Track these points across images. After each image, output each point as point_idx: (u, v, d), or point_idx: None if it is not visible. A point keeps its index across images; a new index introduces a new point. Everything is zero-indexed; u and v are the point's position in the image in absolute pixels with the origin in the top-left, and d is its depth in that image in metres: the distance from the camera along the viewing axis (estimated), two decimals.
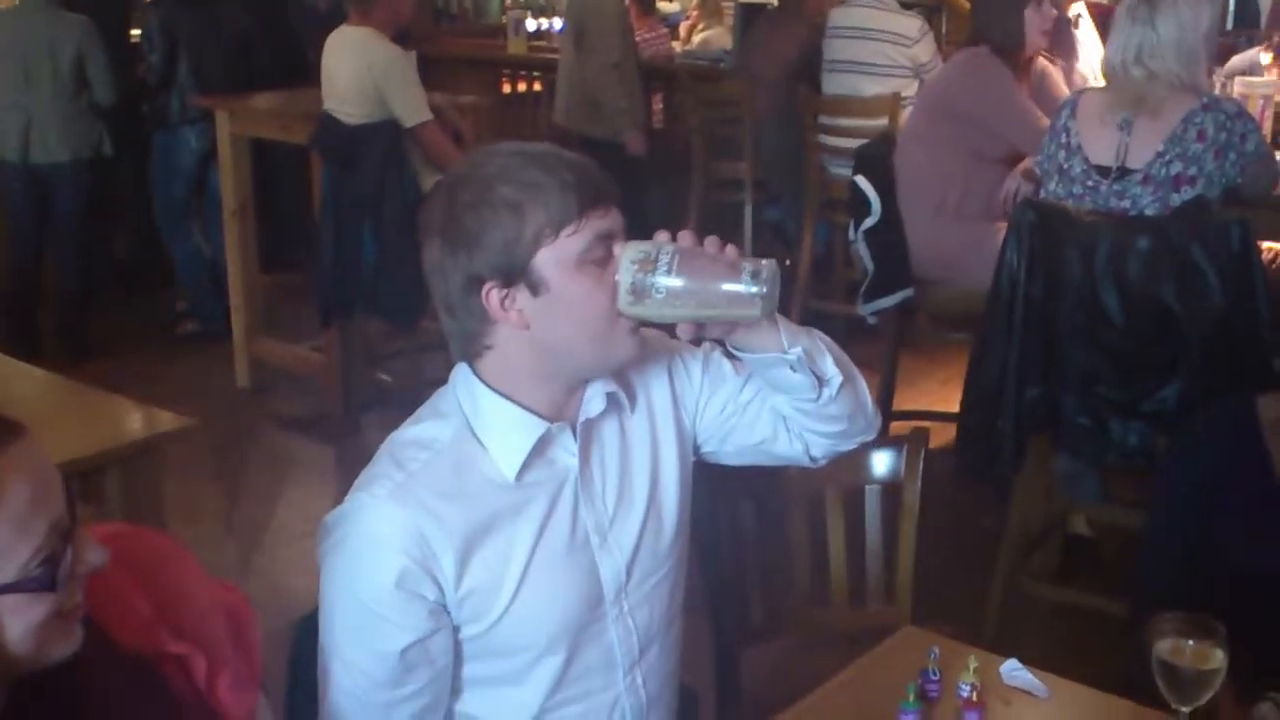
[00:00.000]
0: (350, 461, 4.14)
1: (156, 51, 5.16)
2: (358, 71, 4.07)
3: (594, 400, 1.56)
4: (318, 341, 4.70)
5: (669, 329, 1.49)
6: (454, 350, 1.54)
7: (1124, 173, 2.94)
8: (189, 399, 4.40)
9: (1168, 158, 2.88)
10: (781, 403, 1.61)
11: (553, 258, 1.43)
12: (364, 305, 4.31)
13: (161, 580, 1.25)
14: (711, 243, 1.45)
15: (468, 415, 1.51)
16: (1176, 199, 2.87)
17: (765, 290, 1.40)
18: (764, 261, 1.42)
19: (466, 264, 1.45)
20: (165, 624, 1.23)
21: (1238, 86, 3.46)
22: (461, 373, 1.54)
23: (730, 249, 1.45)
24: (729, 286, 1.40)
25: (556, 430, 1.52)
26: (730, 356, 1.63)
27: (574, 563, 1.55)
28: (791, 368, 1.52)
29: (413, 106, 4.06)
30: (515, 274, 1.43)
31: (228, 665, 1.26)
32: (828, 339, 1.59)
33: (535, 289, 1.44)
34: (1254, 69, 3.88)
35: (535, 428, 1.50)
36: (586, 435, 1.56)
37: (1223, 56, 3.98)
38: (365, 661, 1.47)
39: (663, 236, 1.45)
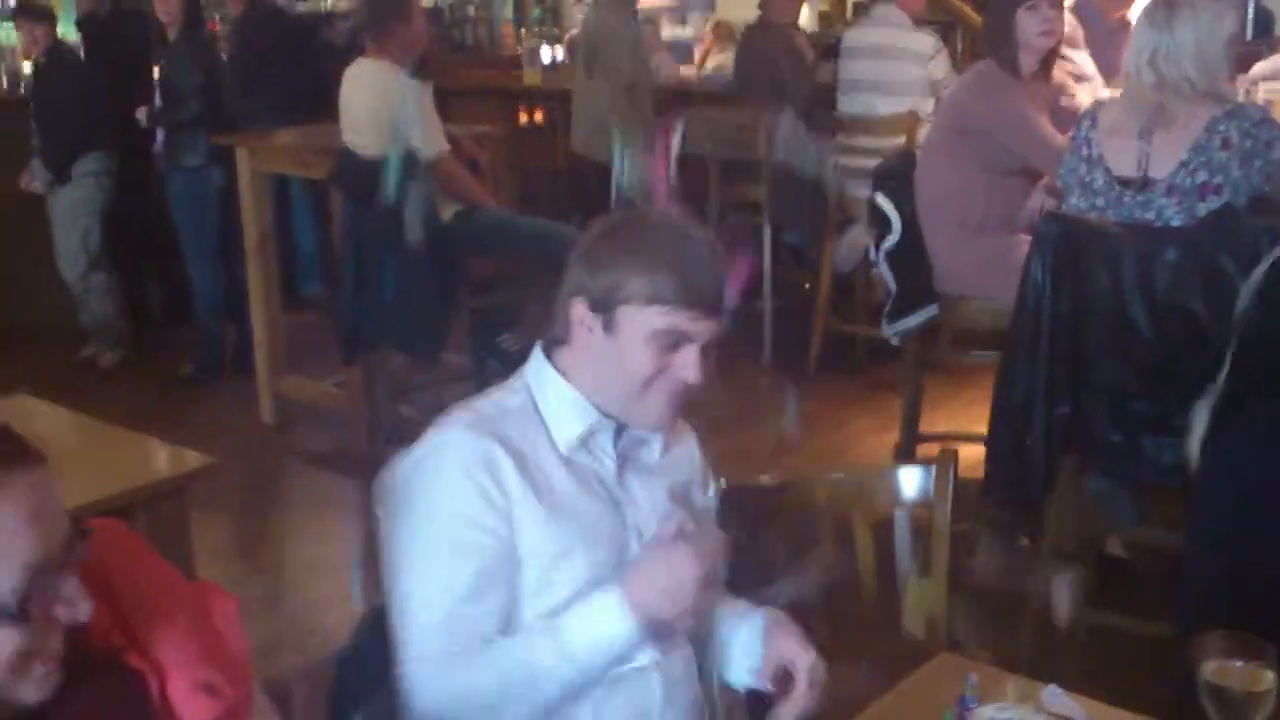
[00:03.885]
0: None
1: (189, 90, 5.13)
2: (374, 104, 4.07)
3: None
4: (341, 376, 4.69)
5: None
6: (545, 329, 1.72)
7: (1147, 183, 2.90)
8: (214, 437, 4.41)
9: (1192, 166, 2.84)
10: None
11: (633, 319, 1.60)
12: (385, 340, 4.30)
13: (118, 580, 1.20)
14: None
15: (533, 390, 1.68)
16: (1203, 208, 2.83)
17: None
18: None
19: (579, 275, 1.65)
20: (122, 633, 1.19)
21: (1262, 93, 3.42)
22: (536, 354, 1.72)
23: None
24: None
25: (604, 423, 1.66)
26: None
27: (615, 559, 1.64)
28: None
29: (430, 138, 4.06)
30: (601, 308, 1.62)
31: (180, 669, 1.20)
32: None
33: (608, 327, 1.62)
34: (1277, 75, 3.84)
35: (588, 413, 1.66)
36: (628, 444, 1.69)
37: (1245, 64, 3.94)
38: (446, 577, 1.56)
39: None
